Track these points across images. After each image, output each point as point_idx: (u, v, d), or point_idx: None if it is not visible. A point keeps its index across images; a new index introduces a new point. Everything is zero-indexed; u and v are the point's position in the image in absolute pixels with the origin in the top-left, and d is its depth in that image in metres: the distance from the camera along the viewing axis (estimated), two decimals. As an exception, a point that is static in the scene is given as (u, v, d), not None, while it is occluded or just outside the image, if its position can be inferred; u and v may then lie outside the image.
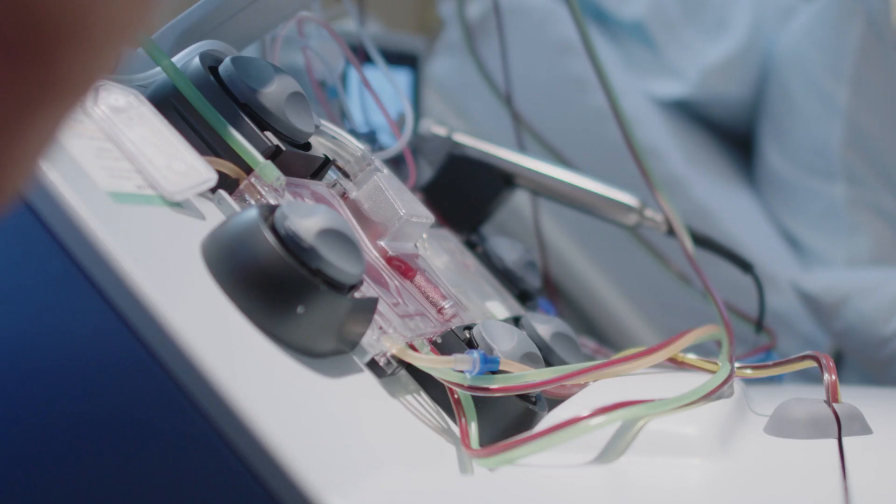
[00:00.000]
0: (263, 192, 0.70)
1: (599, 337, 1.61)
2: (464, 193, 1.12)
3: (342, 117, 1.17)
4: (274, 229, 0.62)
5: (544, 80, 1.71)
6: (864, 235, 1.74)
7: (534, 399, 0.75)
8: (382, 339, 0.69)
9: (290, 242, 0.61)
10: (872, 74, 1.78)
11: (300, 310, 0.61)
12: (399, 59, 1.56)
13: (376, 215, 0.80)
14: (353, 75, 1.30)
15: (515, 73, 1.43)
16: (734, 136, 1.96)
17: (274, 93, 0.75)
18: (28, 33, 0.34)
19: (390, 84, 1.12)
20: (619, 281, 1.70)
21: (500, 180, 1.14)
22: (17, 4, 0.33)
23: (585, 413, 0.64)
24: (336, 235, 0.63)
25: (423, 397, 0.72)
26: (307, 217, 0.63)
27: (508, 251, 1.05)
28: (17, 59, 0.34)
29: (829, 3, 1.80)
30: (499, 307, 0.96)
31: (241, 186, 0.71)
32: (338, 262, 0.63)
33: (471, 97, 1.74)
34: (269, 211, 0.64)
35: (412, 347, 0.70)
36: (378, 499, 0.54)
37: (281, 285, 0.61)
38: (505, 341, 0.75)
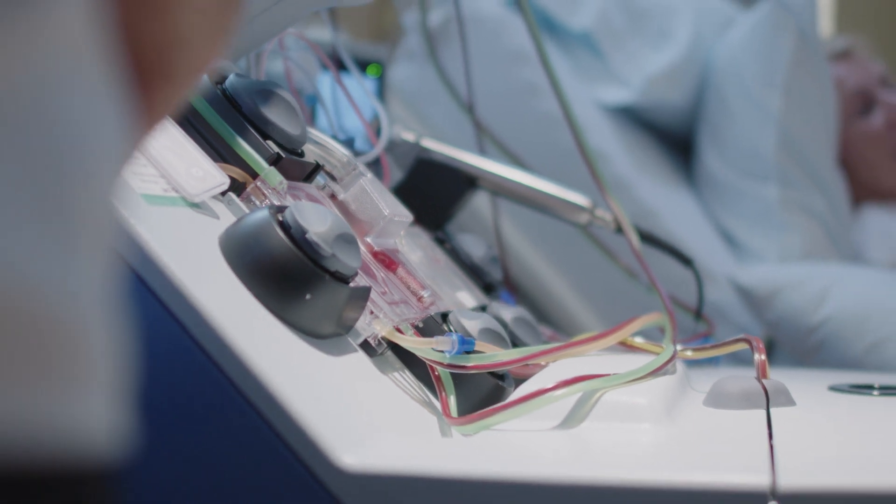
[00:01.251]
0: (267, 195, 0.80)
1: (552, 326, 1.69)
2: (431, 194, 1.20)
3: (313, 122, 1.25)
4: (283, 227, 0.72)
5: (499, 87, 1.77)
6: (796, 233, 1.82)
7: (502, 376, 0.86)
8: (374, 322, 0.78)
9: (309, 250, 0.71)
10: (803, 84, 1.87)
11: (308, 297, 0.71)
12: (364, 66, 1.64)
13: (362, 215, 0.89)
14: (324, 84, 1.37)
15: (472, 80, 1.51)
16: (676, 141, 2.04)
17: (273, 105, 0.84)
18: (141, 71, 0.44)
19: (363, 91, 1.21)
20: (571, 275, 1.77)
21: (465, 182, 1.23)
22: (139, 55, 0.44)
23: (550, 385, 0.75)
24: (344, 237, 0.73)
25: (407, 374, 0.82)
26: (321, 226, 0.72)
27: (475, 247, 1.14)
28: (142, 88, 0.45)
29: (764, 17, 1.88)
30: (467, 297, 1.06)
31: (248, 189, 0.80)
32: (346, 260, 0.73)
33: (430, 103, 1.79)
34: (275, 211, 0.74)
35: (399, 331, 0.80)
36: (381, 459, 0.64)
37: (292, 276, 0.71)
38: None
